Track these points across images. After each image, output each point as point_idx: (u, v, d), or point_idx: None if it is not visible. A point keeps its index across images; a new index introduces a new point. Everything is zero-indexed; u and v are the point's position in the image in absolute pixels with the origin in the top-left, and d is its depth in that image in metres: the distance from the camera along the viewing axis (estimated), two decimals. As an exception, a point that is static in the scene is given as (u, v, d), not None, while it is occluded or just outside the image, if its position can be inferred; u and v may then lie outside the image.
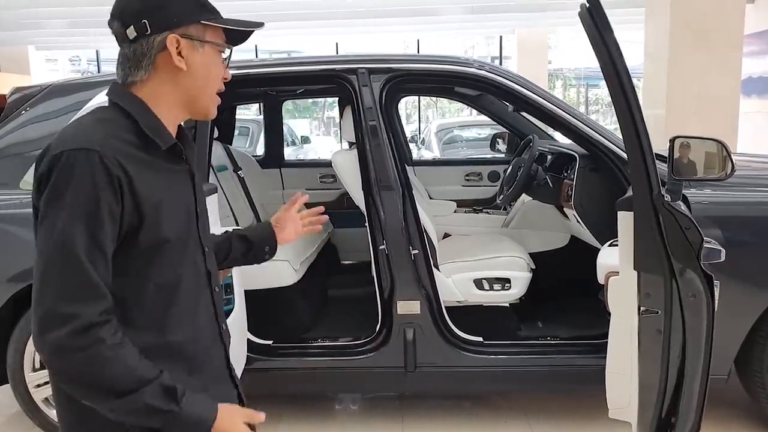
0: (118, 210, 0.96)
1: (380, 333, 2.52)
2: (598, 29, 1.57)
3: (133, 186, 0.97)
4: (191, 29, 1.06)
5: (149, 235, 1.00)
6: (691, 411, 1.66)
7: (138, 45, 1.04)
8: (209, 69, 1.09)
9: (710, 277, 1.60)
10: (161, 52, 1.04)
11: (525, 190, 3.18)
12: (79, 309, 0.91)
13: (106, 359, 0.92)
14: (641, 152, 1.61)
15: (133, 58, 1.05)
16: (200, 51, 1.07)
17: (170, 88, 1.07)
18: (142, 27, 1.03)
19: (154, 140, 1.04)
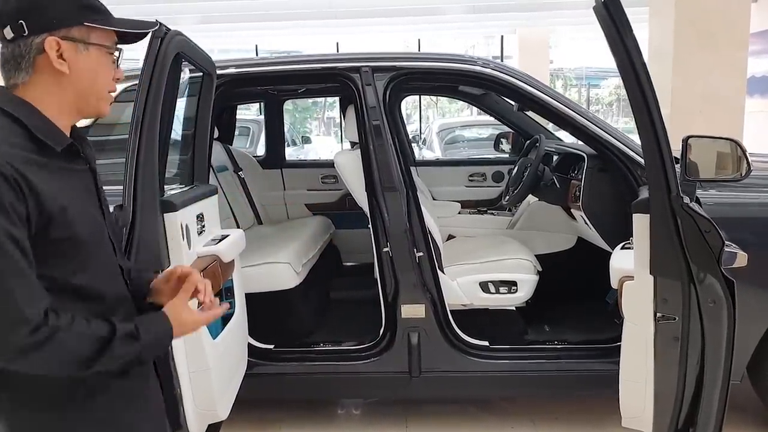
0: (23, 211, 0.94)
1: (384, 337, 2.48)
2: (615, 25, 1.51)
3: (34, 188, 0.96)
4: (74, 31, 1.03)
5: (59, 234, 0.99)
6: (711, 421, 1.61)
7: (15, 46, 1.01)
8: (95, 72, 1.06)
9: (731, 283, 1.55)
10: (40, 55, 1.01)
11: (531, 191, 3.13)
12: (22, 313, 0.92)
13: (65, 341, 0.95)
14: (659, 153, 1.56)
15: (11, 60, 1.02)
16: (84, 54, 1.04)
17: (55, 91, 1.04)
18: (19, 28, 1.00)
19: (46, 143, 1.01)
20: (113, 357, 0.99)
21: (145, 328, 1.04)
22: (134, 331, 1.02)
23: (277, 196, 3.96)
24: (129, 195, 1.77)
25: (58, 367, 0.96)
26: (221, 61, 2.52)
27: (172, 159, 2.26)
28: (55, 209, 0.98)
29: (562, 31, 13.55)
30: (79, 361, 0.97)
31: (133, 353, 1.02)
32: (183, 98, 2.36)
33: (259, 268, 2.68)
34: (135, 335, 1.02)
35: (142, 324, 1.04)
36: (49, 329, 0.93)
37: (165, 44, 1.82)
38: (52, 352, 0.94)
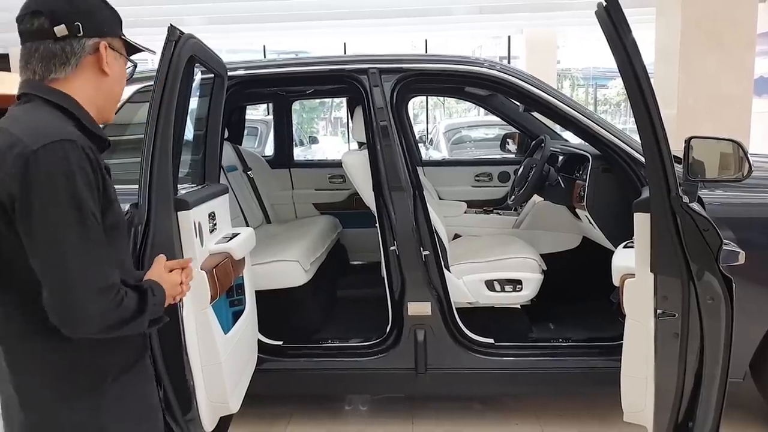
0: (98, 193, 1.04)
1: (391, 334, 2.52)
2: (616, 28, 1.55)
3: (103, 172, 1.07)
4: (115, 41, 1.17)
5: (111, 219, 1.10)
6: (709, 416, 1.64)
7: (67, 43, 1.10)
8: (122, 80, 1.21)
9: (729, 280, 1.58)
10: (90, 55, 1.12)
11: (537, 191, 3.16)
12: (111, 279, 1.04)
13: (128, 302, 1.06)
14: (659, 153, 1.59)
15: (60, 55, 1.10)
16: (119, 62, 1.18)
17: (91, 90, 1.14)
18: (75, 28, 1.10)
19: (98, 135, 1.12)
20: (146, 311, 1.10)
21: (151, 286, 1.16)
22: (151, 288, 1.14)
23: (286, 196, 4.01)
24: (144, 193, 1.83)
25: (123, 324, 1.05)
26: (231, 62, 2.57)
27: (185, 159, 2.31)
28: (112, 196, 1.10)
29: (569, 31, 13.52)
30: (133, 316, 1.07)
31: (154, 309, 1.13)
32: (195, 99, 2.41)
33: (269, 265, 2.73)
34: (153, 291, 1.14)
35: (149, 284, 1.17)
36: (122, 294, 1.05)
37: (179, 48, 1.88)
38: (123, 312, 1.05)
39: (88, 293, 1.00)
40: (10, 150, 0.99)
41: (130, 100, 2.60)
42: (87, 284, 1.00)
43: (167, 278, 1.22)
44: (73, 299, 0.99)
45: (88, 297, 1.00)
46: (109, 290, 1.02)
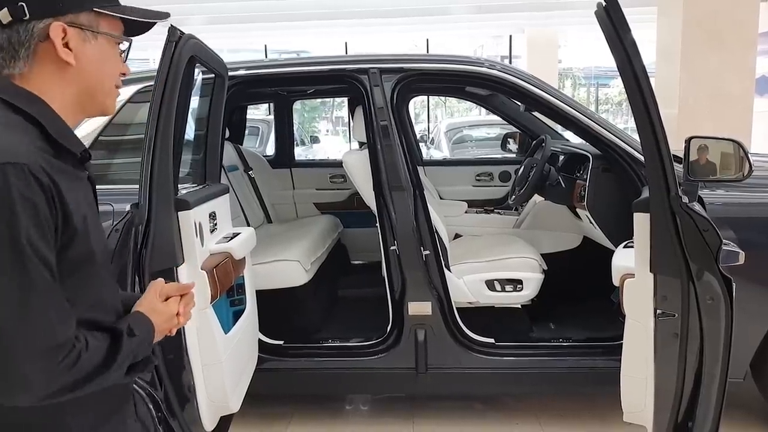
0: (53, 225, 0.84)
1: (391, 334, 2.52)
2: (616, 28, 1.55)
3: (63, 197, 0.85)
4: (82, 17, 0.91)
5: (80, 248, 0.89)
6: (709, 416, 1.64)
7: (13, 31, 0.88)
8: (102, 64, 0.94)
9: (729, 280, 1.58)
10: (43, 42, 0.89)
11: (537, 191, 3.16)
12: (62, 336, 0.83)
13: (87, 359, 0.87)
14: (658, 153, 1.60)
15: (7, 47, 0.88)
16: (92, 43, 0.92)
17: (58, 85, 0.91)
18: (19, 10, 0.86)
19: (65, 146, 0.91)
20: (116, 362, 0.90)
21: (133, 324, 0.96)
22: (130, 328, 0.95)
23: (287, 195, 4.01)
24: (144, 194, 1.83)
25: (81, 383, 0.86)
26: (232, 62, 2.57)
27: (185, 159, 2.31)
28: (79, 223, 0.88)
29: (570, 30, 13.52)
30: (97, 371, 0.87)
31: (133, 350, 0.94)
32: (195, 99, 2.42)
33: (270, 265, 2.74)
34: (132, 332, 0.94)
35: (129, 321, 0.97)
36: (77, 351, 0.84)
37: (179, 48, 1.88)
38: (79, 371, 0.85)
39: (27, 356, 0.80)
40: None
41: (131, 100, 2.61)
42: (25, 345, 0.79)
43: (161, 309, 1.03)
44: (7, 363, 0.79)
45: (27, 360, 0.80)
46: (57, 350, 0.82)
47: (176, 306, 1.06)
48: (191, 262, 1.94)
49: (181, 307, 1.07)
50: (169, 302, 1.06)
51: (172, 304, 1.05)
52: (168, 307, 1.04)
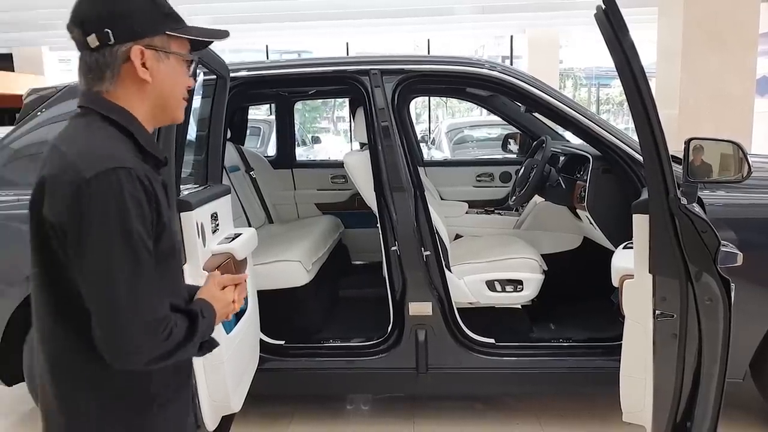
0: (150, 220, 0.99)
1: (392, 334, 2.53)
2: (614, 31, 1.56)
3: (157, 197, 1.01)
4: (156, 40, 1.04)
5: (167, 242, 1.04)
6: (707, 416, 1.65)
7: (100, 54, 1.02)
8: (175, 79, 1.08)
9: (727, 281, 1.59)
10: (125, 63, 1.02)
11: (537, 192, 3.17)
12: (161, 312, 0.99)
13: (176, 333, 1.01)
14: (657, 155, 1.60)
15: (95, 68, 1.03)
16: (165, 62, 1.06)
17: (138, 99, 1.06)
18: (105, 36, 1.00)
19: (152, 154, 1.07)
20: (196, 336, 1.05)
21: (202, 309, 1.11)
22: (201, 312, 1.09)
23: (288, 196, 4.02)
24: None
25: (170, 355, 1.01)
26: (234, 64, 2.59)
27: (187, 159, 2.32)
28: (166, 220, 1.03)
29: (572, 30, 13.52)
30: (181, 345, 1.02)
31: (204, 330, 1.08)
32: (197, 100, 2.43)
33: (271, 266, 2.75)
34: (203, 315, 1.09)
35: (199, 306, 1.11)
36: (170, 327, 1.00)
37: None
38: (171, 343, 1.00)
39: (135, 329, 0.96)
40: (64, 175, 0.95)
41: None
42: (135, 320, 0.96)
43: (220, 296, 1.17)
44: (121, 334, 0.96)
45: (136, 333, 0.96)
46: (158, 324, 0.98)
47: (232, 294, 1.20)
48: (193, 263, 1.96)
49: (235, 294, 1.21)
50: (225, 291, 1.19)
51: (228, 293, 1.19)
52: (225, 295, 1.18)
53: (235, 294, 1.21)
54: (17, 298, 2.46)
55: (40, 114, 2.68)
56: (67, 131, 1.04)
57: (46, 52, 12.29)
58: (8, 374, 2.61)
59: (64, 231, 0.95)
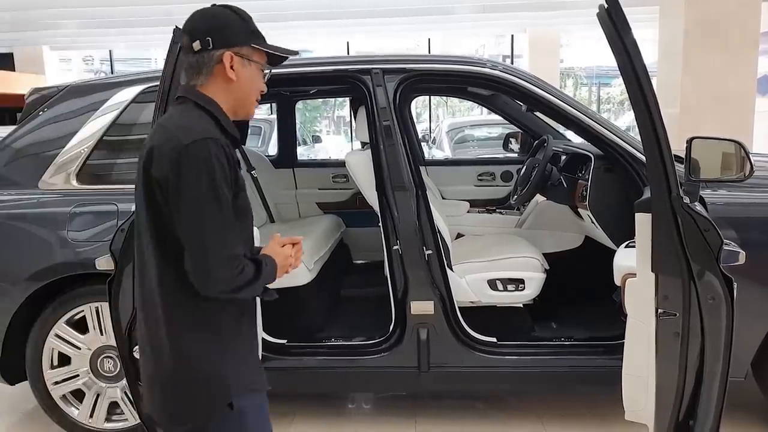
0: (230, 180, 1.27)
1: (394, 333, 2.53)
2: (617, 30, 1.56)
3: (234, 163, 1.29)
4: (243, 50, 1.34)
5: (242, 201, 1.32)
6: (710, 414, 1.65)
7: (200, 56, 1.32)
8: (252, 82, 1.37)
9: (730, 280, 1.59)
10: (218, 64, 1.33)
11: (539, 191, 3.16)
12: (237, 251, 1.26)
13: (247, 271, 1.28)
14: (660, 153, 1.60)
15: (195, 66, 1.33)
16: (247, 68, 1.35)
17: (223, 94, 1.35)
18: (206, 43, 1.31)
19: (231, 134, 1.35)
20: (261, 279, 1.31)
21: (266, 260, 1.36)
22: (265, 261, 1.35)
23: (289, 195, 4.02)
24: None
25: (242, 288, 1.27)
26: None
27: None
28: (242, 183, 1.32)
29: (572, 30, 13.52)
30: (250, 282, 1.28)
31: (266, 277, 1.33)
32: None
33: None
34: (266, 264, 1.35)
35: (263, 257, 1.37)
36: (243, 265, 1.26)
37: (184, 49, 1.89)
38: (243, 278, 1.26)
39: (218, 261, 1.22)
40: (168, 143, 1.23)
41: (135, 100, 2.63)
42: (218, 254, 1.22)
43: (279, 252, 1.42)
44: (208, 265, 1.22)
45: (219, 264, 1.22)
46: (235, 260, 1.24)
47: (290, 251, 1.45)
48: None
49: (293, 251, 1.46)
50: (284, 248, 1.45)
51: (287, 249, 1.45)
52: (284, 251, 1.44)
53: (292, 251, 1.45)
54: (20, 297, 2.47)
55: (42, 113, 2.68)
56: (169, 114, 1.35)
57: (46, 51, 12.29)
58: (11, 373, 2.62)
59: (167, 186, 1.23)
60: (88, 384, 2.57)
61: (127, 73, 2.92)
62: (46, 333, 2.52)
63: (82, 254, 2.45)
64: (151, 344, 1.33)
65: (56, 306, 2.52)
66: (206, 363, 1.30)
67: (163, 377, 1.32)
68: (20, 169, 2.64)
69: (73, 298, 2.52)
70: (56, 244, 2.49)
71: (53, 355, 2.55)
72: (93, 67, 18.32)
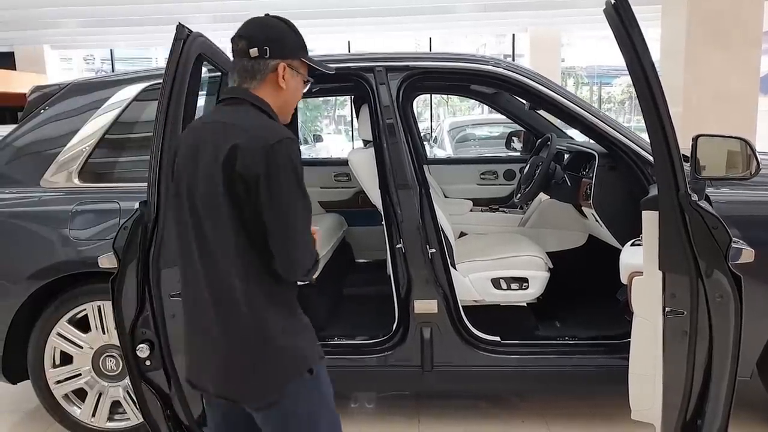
0: None
1: (397, 332, 2.52)
2: (625, 26, 1.55)
3: None
4: (294, 62, 1.46)
5: None
6: (718, 414, 1.64)
7: (256, 62, 1.42)
8: (296, 91, 1.50)
9: (738, 278, 1.58)
10: (272, 73, 1.43)
11: (543, 189, 3.16)
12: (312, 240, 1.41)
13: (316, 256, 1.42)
14: (667, 150, 1.59)
15: (250, 71, 1.42)
16: (295, 78, 1.47)
17: (271, 98, 1.45)
18: (264, 51, 1.41)
19: None
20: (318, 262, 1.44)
21: None
22: None
23: (291, 194, 4.00)
24: (153, 191, 1.83)
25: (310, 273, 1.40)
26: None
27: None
28: None
29: (573, 29, 13.51)
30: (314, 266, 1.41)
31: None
32: (202, 98, 2.42)
33: (275, 264, 2.73)
34: None
35: None
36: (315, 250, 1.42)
37: (187, 46, 1.88)
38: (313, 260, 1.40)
39: (303, 250, 1.36)
40: (255, 142, 1.32)
41: (137, 98, 2.62)
42: (303, 243, 1.36)
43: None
44: (295, 254, 1.35)
45: (304, 252, 1.36)
46: (312, 247, 1.40)
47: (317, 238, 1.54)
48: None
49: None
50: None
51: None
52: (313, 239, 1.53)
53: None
54: (22, 295, 2.46)
55: (43, 111, 2.67)
56: (236, 113, 1.41)
57: (47, 50, 12.29)
58: (13, 372, 2.61)
59: (254, 181, 1.31)
60: (90, 383, 2.55)
61: (128, 71, 2.91)
62: (48, 332, 2.51)
63: (84, 253, 2.44)
64: (224, 326, 1.39)
65: (58, 305, 2.51)
66: (289, 336, 1.41)
67: (246, 354, 1.39)
68: (22, 168, 2.63)
69: (75, 296, 2.51)
70: (58, 243, 2.48)
71: (55, 354, 2.53)
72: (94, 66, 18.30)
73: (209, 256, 1.38)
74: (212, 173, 1.33)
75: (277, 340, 1.39)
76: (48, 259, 2.47)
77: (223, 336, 1.39)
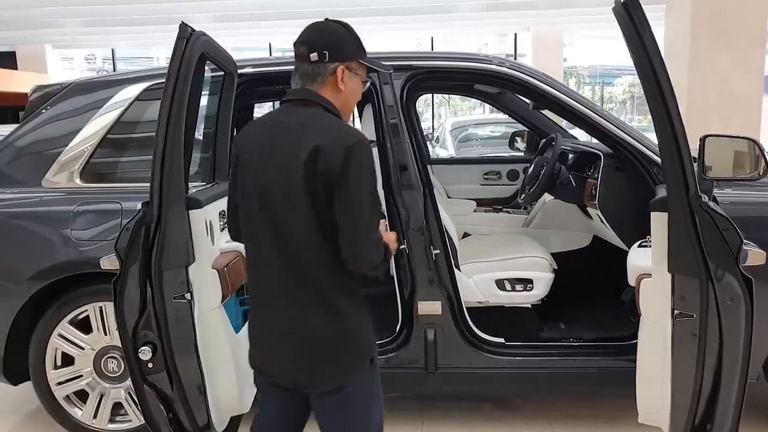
0: None
1: (401, 333, 2.50)
2: (635, 25, 1.52)
3: None
4: (352, 64, 1.51)
5: None
6: (728, 417, 1.62)
7: (316, 66, 1.48)
8: (355, 92, 1.55)
9: (749, 281, 1.55)
10: (332, 75, 1.49)
11: (547, 189, 3.13)
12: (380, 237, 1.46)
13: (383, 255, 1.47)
14: (677, 150, 1.57)
15: (311, 74, 1.49)
16: (353, 79, 1.52)
17: (333, 100, 1.50)
18: (323, 55, 1.47)
19: None
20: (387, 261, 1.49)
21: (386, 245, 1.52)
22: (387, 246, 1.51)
23: (294, 194, 3.99)
24: (156, 191, 1.82)
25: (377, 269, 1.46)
26: (239, 60, 2.56)
27: (194, 157, 2.30)
28: None
29: (575, 28, 13.48)
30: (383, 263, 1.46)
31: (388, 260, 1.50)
32: (204, 97, 2.40)
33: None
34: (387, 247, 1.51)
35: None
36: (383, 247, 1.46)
37: (190, 45, 1.86)
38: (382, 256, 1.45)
39: (371, 244, 1.42)
40: (336, 142, 1.38)
41: (139, 98, 2.60)
42: (371, 238, 1.42)
43: (389, 238, 1.55)
44: (361, 247, 1.41)
45: (371, 246, 1.42)
46: (380, 243, 1.44)
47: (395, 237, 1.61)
48: (202, 261, 1.93)
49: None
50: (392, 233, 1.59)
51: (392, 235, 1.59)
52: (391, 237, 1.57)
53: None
54: (23, 296, 2.44)
55: (45, 111, 2.65)
56: (309, 114, 1.46)
57: (49, 50, 12.29)
58: (14, 373, 2.59)
59: (334, 178, 1.38)
60: (91, 384, 2.54)
61: (130, 71, 2.89)
62: (49, 333, 2.49)
63: (85, 253, 2.42)
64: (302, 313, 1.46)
65: (60, 306, 2.49)
66: (359, 326, 1.49)
67: (319, 342, 1.46)
68: (23, 168, 2.61)
69: (76, 297, 2.49)
70: (60, 243, 2.46)
71: (56, 355, 2.52)
72: (95, 66, 18.29)
73: (286, 248, 1.44)
74: (292, 170, 1.40)
75: (351, 330, 1.48)
76: (49, 260, 2.46)
77: (292, 328, 1.46)
